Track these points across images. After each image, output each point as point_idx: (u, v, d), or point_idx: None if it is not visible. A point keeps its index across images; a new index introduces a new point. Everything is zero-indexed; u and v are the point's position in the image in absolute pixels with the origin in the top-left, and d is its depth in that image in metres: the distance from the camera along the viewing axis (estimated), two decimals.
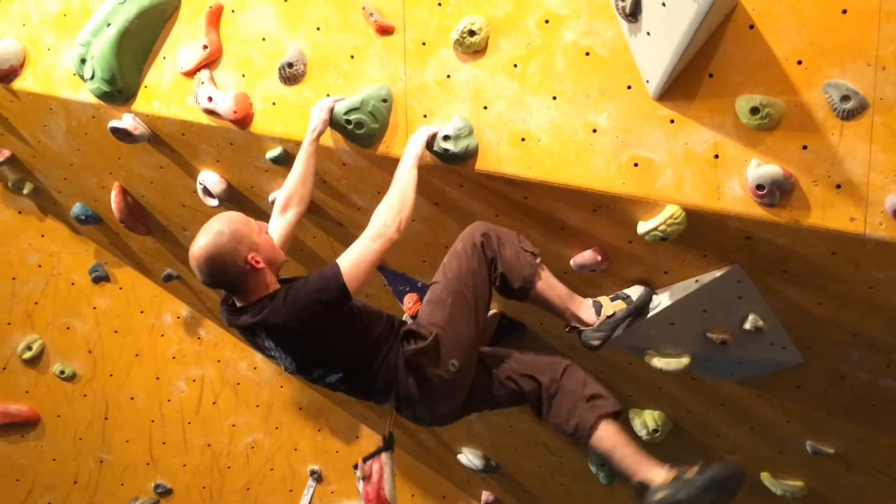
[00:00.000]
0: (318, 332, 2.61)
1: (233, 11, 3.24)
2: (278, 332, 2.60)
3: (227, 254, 2.55)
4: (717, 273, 2.75)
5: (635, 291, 2.98)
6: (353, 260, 2.60)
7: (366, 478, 2.72)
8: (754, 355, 2.98)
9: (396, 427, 4.96)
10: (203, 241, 2.57)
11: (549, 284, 2.87)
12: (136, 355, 5.13)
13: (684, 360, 3.04)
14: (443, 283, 2.81)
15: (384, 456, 2.81)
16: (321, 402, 5.21)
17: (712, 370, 3.18)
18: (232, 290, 2.66)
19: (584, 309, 2.91)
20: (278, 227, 2.93)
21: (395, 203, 2.70)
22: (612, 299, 2.95)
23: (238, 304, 2.69)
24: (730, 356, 3.01)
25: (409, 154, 2.81)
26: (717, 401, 3.46)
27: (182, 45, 3.36)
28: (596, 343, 2.89)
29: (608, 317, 2.88)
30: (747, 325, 2.85)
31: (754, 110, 2.35)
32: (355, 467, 2.84)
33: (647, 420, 3.66)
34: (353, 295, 2.59)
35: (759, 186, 2.39)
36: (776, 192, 2.38)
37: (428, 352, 2.68)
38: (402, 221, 2.68)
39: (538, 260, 2.85)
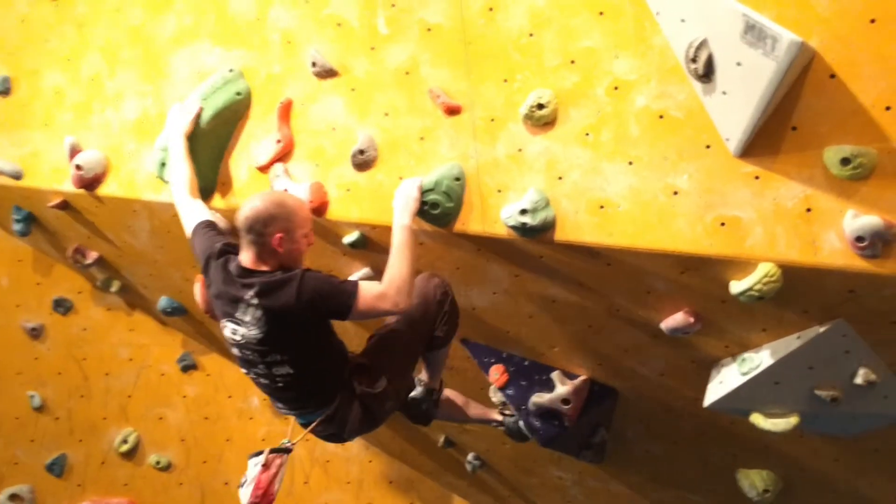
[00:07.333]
0: (306, 326, 2.70)
1: (302, 105, 3.32)
2: (276, 307, 2.64)
3: (291, 208, 2.77)
4: (821, 329, 2.63)
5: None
6: (369, 296, 2.66)
7: (266, 465, 2.80)
8: (869, 409, 2.81)
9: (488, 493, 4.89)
10: (279, 193, 2.90)
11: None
12: (227, 440, 5.19)
13: (793, 420, 2.87)
14: (400, 332, 3.01)
15: (286, 457, 2.89)
16: (410, 473, 5.16)
17: (824, 427, 3.00)
18: (263, 243, 2.72)
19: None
20: None
21: (407, 273, 2.71)
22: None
23: (246, 266, 2.75)
24: (842, 412, 2.84)
25: (404, 213, 2.87)
26: (831, 457, 3.28)
27: (255, 142, 3.45)
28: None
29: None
30: (858, 380, 2.70)
31: (845, 161, 2.26)
32: (253, 455, 2.87)
33: (755, 481, 3.47)
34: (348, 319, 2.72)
35: (859, 238, 2.28)
36: (878, 242, 2.27)
37: (379, 396, 2.93)
38: (411, 291, 2.72)
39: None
